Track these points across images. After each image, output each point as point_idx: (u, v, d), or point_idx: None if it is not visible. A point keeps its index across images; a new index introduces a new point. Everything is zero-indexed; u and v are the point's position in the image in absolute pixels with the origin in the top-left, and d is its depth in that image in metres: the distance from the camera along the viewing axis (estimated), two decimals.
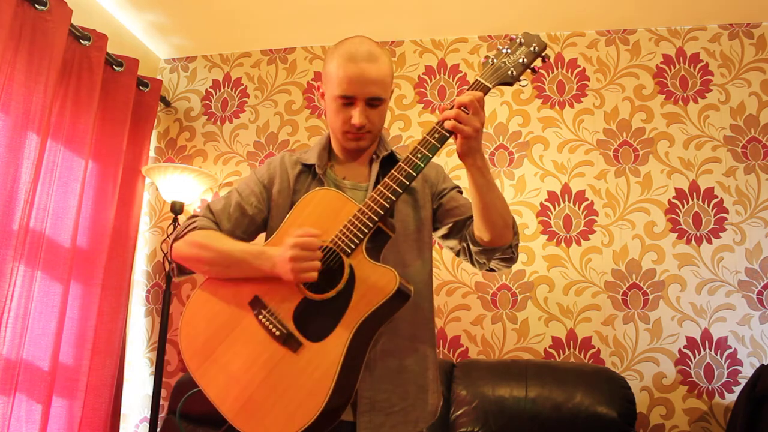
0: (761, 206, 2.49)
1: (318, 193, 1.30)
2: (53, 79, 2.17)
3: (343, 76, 1.27)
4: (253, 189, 1.41)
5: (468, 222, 1.35)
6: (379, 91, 1.30)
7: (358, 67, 1.27)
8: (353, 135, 1.34)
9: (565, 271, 2.58)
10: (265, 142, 3.01)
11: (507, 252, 1.31)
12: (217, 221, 1.37)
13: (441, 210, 1.42)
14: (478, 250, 1.31)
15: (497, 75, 1.23)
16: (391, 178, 1.21)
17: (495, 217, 1.24)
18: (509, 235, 1.28)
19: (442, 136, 1.21)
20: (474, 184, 1.22)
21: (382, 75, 1.30)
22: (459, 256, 1.40)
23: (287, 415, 1.14)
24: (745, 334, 2.39)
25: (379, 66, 1.29)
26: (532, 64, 1.25)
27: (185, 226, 1.35)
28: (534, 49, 1.25)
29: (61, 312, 2.20)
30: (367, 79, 1.27)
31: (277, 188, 1.40)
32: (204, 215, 1.39)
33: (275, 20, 2.87)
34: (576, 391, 2.12)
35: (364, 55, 1.28)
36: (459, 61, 2.91)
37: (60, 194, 2.28)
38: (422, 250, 1.38)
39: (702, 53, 2.72)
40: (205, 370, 1.24)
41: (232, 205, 1.39)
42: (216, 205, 1.40)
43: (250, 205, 1.39)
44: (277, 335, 1.20)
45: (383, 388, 1.28)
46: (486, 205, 1.23)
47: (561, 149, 2.72)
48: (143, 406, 2.78)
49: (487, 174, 1.22)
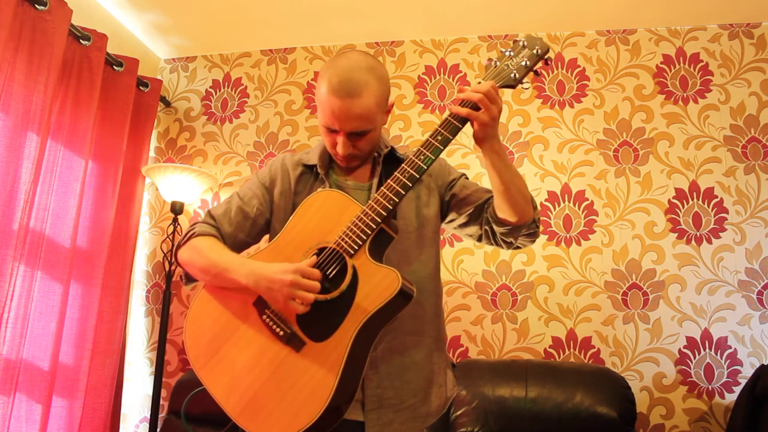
0: (761, 206, 2.50)
1: (321, 195, 1.30)
2: (53, 79, 2.17)
3: (327, 109, 1.26)
4: (254, 191, 1.42)
5: (486, 206, 1.37)
6: (362, 125, 1.27)
7: (341, 103, 1.23)
8: (340, 159, 1.35)
9: (565, 271, 2.58)
10: (265, 142, 3.01)
11: (531, 227, 1.33)
12: (218, 226, 1.38)
13: (455, 200, 1.43)
14: (505, 231, 1.32)
15: (500, 78, 1.24)
16: (394, 180, 1.22)
17: (517, 196, 1.26)
18: (530, 210, 1.30)
19: (454, 128, 1.22)
20: (493, 167, 1.24)
21: (366, 109, 1.25)
22: (481, 240, 1.41)
23: (291, 413, 1.15)
24: (745, 334, 2.39)
25: (364, 100, 1.24)
26: (535, 66, 1.25)
27: (186, 232, 1.37)
28: (537, 52, 1.25)
29: (61, 312, 2.20)
30: (349, 116, 1.25)
31: (279, 189, 1.41)
32: (205, 221, 1.40)
33: (275, 20, 2.87)
34: (576, 391, 2.12)
35: (347, 88, 1.22)
36: (459, 61, 2.91)
37: (60, 194, 2.28)
38: (427, 246, 1.38)
39: (702, 53, 2.72)
40: (210, 369, 1.25)
41: (233, 209, 1.40)
42: (217, 210, 1.41)
43: (251, 208, 1.40)
44: (280, 335, 1.21)
45: (391, 385, 1.28)
46: (507, 186, 1.25)
47: (561, 149, 2.72)
48: (143, 406, 2.78)
49: (504, 156, 1.25)
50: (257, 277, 1.20)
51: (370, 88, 1.25)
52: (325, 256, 1.22)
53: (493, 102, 1.18)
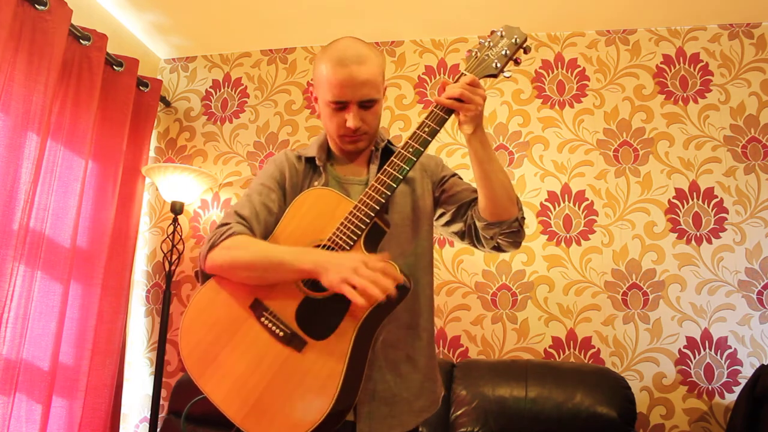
0: (761, 206, 2.50)
1: (312, 193, 1.30)
2: (53, 79, 2.17)
3: (334, 81, 1.27)
4: (270, 186, 1.39)
5: (472, 203, 1.37)
6: (371, 92, 1.30)
7: (348, 70, 1.26)
8: (350, 138, 1.34)
9: (565, 271, 2.58)
10: (265, 142, 3.01)
11: (513, 226, 1.32)
12: (249, 225, 1.33)
13: (444, 196, 1.43)
14: (484, 225, 1.32)
15: (482, 68, 1.27)
16: (384, 174, 1.22)
17: (498, 188, 1.27)
18: (514, 209, 1.31)
19: (441, 119, 1.24)
20: (475, 155, 1.26)
21: (373, 75, 1.29)
22: (464, 239, 1.41)
23: (298, 413, 1.14)
24: (745, 334, 2.39)
25: (369, 67, 1.28)
26: (515, 55, 1.28)
27: (221, 233, 1.29)
28: (515, 41, 1.28)
29: (61, 312, 2.20)
30: (357, 82, 1.27)
31: (290, 183, 1.40)
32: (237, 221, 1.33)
33: (275, 20, 2.87)
34: (576, 391, 2.12)
35: (352, 57, 1.27)
36: (459, 61, 2.91)
37: (60, 194, 2.28)
38: (422, 239, 1.38)
39: (702, 53, 2.72)
40: (209, 377, 1.22)
41: (257, 206, 1.35)
42: (243, 210, 1.35)
43: (273, 203, 1.37)
44: (280, 336, 1.19)
45: (385, 378, 1.27)
46: (487, 175, 1.26)
47: (561, 149, 2.72)
48: (143, 406, 2.78)
49: (487, 146, 1.26)
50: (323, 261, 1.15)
51: (371, 56, 1.30)
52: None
53: (475, 93, 1.21)
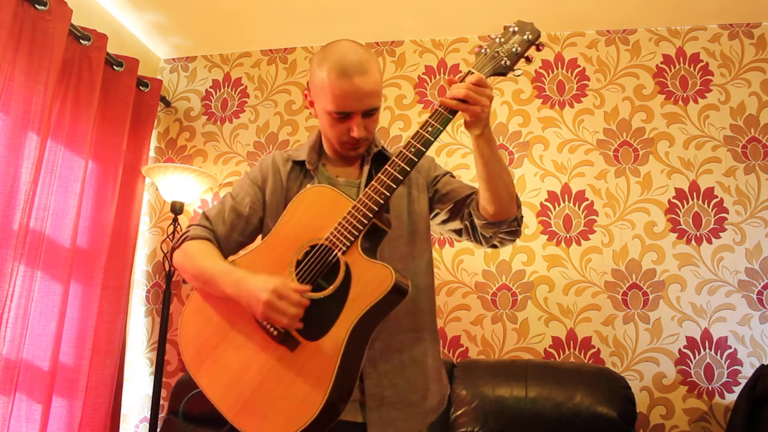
0: (761, 206, 2.49)
1: (312, 191, 1.30)
2: (53, 79, 2.17)
3: (338, 93, 1.25)
4: (246, 190, 1.42)
5: (467, 200, 1.36)
6: (374, 102, 1.29)
7: (352, 83, 1.24)
8: (351, 145, 1.35)
9: (565, 271, 2.58)
10: (265, 142, 3.01)
11: (512, 225, 1.32)
12: (212, 228, 1.38)
13: (437, 196, 1.43)
14: (484, 224, 1.31)
15: (491, 65, 1.21)
16: (385, 174, 1.21)
17: (501, 188, 1.25)
18: (514, 208, 1.30)
19: (445, 119, 1.20)
20: (480, 153, 1.24)
21: (376, 84, 1.28)
22: (461, 236, 1.41)
23: (287, 413, 1.14)
24: (745, 334, 2.39)
25: (372, 76, 1.27)
26: (526, 53, 1.23)
27: (180, 236, 1.38)
28: (528, 38, 1.22)
29: (61, 312, 2.20)
30: (362, 94, 1.26)
31: (271, 187, 1.41)
32: (199, 223, 1.40)
33: (275, 20, 2.87)
34: (576, 391, 2.12)
35: (355, 67, 1.24)
36: (459, 61, 2.91)
37: (60, 194, 2.28)
38: (420, 242, 1.38)
39: (702, 53, 2.72)
40: (205, 372, 1.24)
41: (227, 209, 1.40)
42: (211, 211, 1.41)
43: (244, 207, 1.40)
44: (275, 335, 1.20)
45: (392, 383, 1.27)
46: (491, 175, 1.24)
47: (561, 149, 2.72)
48: (143, 406, 2.78)
49: (492, 145, 1.24)
50: (239, 289, 1.20)
51: (372, 63, 1.29)
52: (316, 253, 1.21)
53: (481, 93, 1.17)
